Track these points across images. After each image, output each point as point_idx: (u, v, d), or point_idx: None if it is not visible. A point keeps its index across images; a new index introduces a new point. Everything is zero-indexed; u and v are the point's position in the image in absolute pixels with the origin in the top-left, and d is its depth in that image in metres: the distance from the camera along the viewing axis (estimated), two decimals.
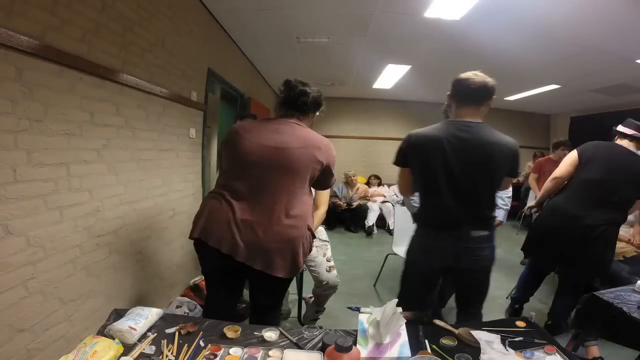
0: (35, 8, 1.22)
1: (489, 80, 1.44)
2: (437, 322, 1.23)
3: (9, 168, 1.16)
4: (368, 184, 6.23)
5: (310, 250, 1.50)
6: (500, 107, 6.68)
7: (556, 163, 4.33)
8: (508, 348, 1.06)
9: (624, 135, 2.11)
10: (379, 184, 6.34)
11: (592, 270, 2.11)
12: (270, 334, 1.09)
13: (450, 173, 1.42)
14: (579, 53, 3.35)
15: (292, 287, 2.64)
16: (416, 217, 1.65)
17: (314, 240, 2.10)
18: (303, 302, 2.35)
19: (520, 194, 6.01)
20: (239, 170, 1.40)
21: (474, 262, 1.48)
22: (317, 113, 1.58)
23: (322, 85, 5.73)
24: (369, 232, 5.32)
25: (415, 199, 2.37)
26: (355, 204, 5.58)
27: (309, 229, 1.44)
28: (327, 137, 1.81)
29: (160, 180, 2.18)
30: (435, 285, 1.67)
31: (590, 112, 6.02)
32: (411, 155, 1.50)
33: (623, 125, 2.13)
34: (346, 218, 5.54)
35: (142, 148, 1.97)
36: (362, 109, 6.86)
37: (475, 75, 1.45)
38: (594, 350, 1.86)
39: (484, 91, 1.44)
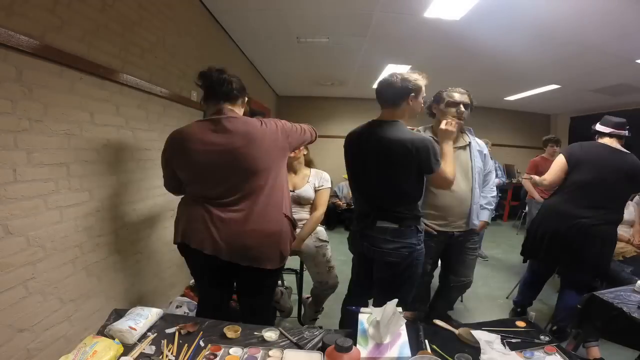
0: (35, 8, 1.22)
1: (402, 79, 1.47)
2: (437, 321, 1.23)
3: (9, 168, 1.16)
4: None
5: (294, 237, 1.55)
6: (500, 107, 6.69)
7: (549, 161, 4.37)
8: (508, 348, 1.06)
9: (603, 134, 2.12)
10: None
11: (591, 270, 2.09)
12: (270, 334, 1.09)
13: (359, 167, 1.60)
14: (579, 53, 3.35)
15: (294, 286, 2.64)
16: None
17: (316, 240, 2.11)
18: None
19: (520, 195, 6.02)
20: (201, 179, 1.38)
21: (377, 253, 1.53)
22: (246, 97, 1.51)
23: (322, 85, 5.73)
24: None
25: None
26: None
27: (286, 217, 1.46)
28: (327, 137, 1.81)
29: (161, 181, 2.18)
30: (364, 272, 1.72)
31: (590, 112, 6.02)
32: (345, 151, 1.69)
33: (601, 124, 2.15)
34: (346, 218, 5.53)
35: (142, 148, 1.97)
36: (362, 109, 6.83)
37: (392, 76, 1.49)
38: (595, 351, 1.86)
39: (393, 93, 1.49)
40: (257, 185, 1.36)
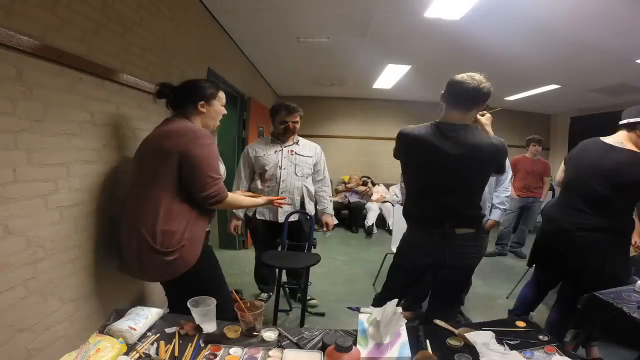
0: (35, 8, 1.21)
1: (485, 85, 1.42)
2: (437, 321, 1.23)
3: (9, 168, 1.16)
4: (365, 184, 6.24)
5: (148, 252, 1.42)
6: (500, 107, 6.68)
7: (528, 160, 4.40)
8: (507, 348, 1.06)
9: (620, 127, 1.84)
10: (373, 184, 6.35)
11: (580, 283, 1.77)
12: (269, 334, 1.10)
13: (433, 172, 1.50)
14: (579, 53, 3.35)
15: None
16: (403, 213, 1.70)
17: None
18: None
19: None
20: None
21: (459, 259, 1.52)
22: (202, 101, 1.54)
23: (322, 85, 5.74)
24: (368, 232, 5.32)
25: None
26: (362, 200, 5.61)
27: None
28: (327, 137, 1.81)
29: None
30: (417, 280, 1.71)
31: (590, 112, 6.02)
32: (401, 152, 1.59)
33: (623, 116, 1.86)
34: (346, 218, 5.54)
35: None
36: (362, 109, 6.86)
37: (471, 78, 1.43)
38: (594, 351, 1.86)
39: (475, 97, 1.44)
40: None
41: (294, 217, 2.48)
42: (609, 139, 1.84)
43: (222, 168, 1.64)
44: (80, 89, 1.45)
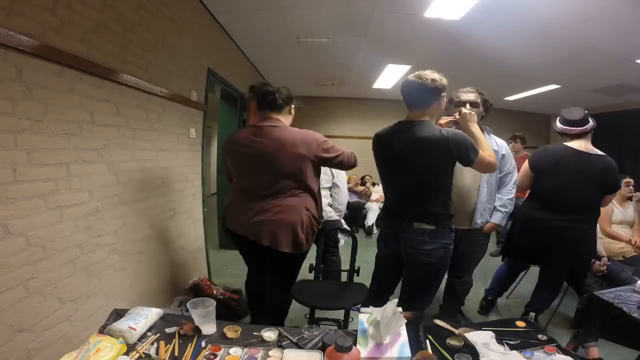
0: (35, 8, 1.22)
1: (429, 80, 1.46)
2: (437, 321, 1.23)
3: (9, 168, 1.16)
4: (364, 183, 6.22)
5: (313, 233, 1.72)
6: (500, 107, 6.68)
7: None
8: (507, 348, 1.06)
9: (570, 136, 2.09)
10: (373, 184, 6.34)
11: (568, 265, 2.14)
12: (269, 334, 1.09)
13: (391, 168, 1.62)
14: (579, 53, 3.35)
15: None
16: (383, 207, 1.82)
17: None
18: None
19: None
20: (238, 174, 1.75)
21: (412, 254, 1.54)
22: (293, 106, 1.76)
23: (322, 85, 5.73)
24: (368, 232, 5.32)
25: None
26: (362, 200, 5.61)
27: (307, 211, 1.67)
28: (327, 137, 1.82)
29: (160, 180, 2.18)
30: (394, 272, 1.72)
31: (591, 112, 6.02)
32: (374, 152, 1.71)
33: (562, 124, 2.13)
34: (346, 218, 5.53)
35: (142, 148, 1.97)
36: (362, 109, 6.86)
37: (417, 77, 1.49)
38: (594, 351, 1.87)
39: (424, 94, 1.49)
40: (283, 185, 1.63)
41: None
42: (575, 145, 2.05)
43: None
44: (80, 89, 1.46)
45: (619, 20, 2.55)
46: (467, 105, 1.88)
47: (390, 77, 4.90)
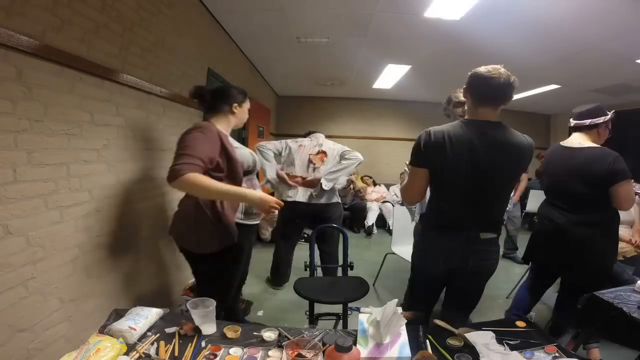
0: (35, 8, 1.22)
1: (513, 78, 1.33)
2: (437, 321, 1.23)
3: (9, 168, 1.16)
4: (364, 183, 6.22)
5: (206, 229, 1.55)
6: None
7: None
8: (508, 348, 1.06)
9: (572, 129, 2.01)
10: (375, 184, 6.34)
11: (581, 275, 1.90)
12: (269, 334, 1.09)
13: (471, 174, 1.35)
14: (579, 53, 3.35)
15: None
16: (426, 218, 1.56)
17: None
18: None
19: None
20: None
21: (482, 265, 1.44)
22: (229, 104, 1.65)
23: (322, 85, 5.73)
24: (368, 232, 5.32)
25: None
26: (363, 202, 5.61)
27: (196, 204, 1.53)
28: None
29: (161, 180, 2.18)
30: (442, 288, 1.60)
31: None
32: (429, 154, 1.38)
33: (573, 118, 2.00)
34: (347, 218, 5.53)
35: (142, 148, 1.97)
36: (362, 109, 6.86)
37: (498, 72, 1.33)
38: (595, 353, 1.86)
39: (507, 92, 1.34)
40: None
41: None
42: (567, 142, 2.00)
43: (251, 159, 1.93)
44: (80, 89, 1.46)
45: (619, 20, 2.55)
46: (466, 106, 1.87)
47: (390, 77, 4.90)
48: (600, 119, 1.90)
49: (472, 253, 1.41)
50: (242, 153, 1.84)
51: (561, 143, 2.04)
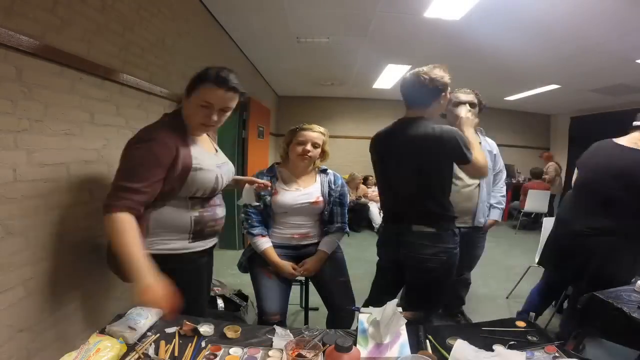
0: (35, 8, 1.21)
1: (429, 78, 1.42)
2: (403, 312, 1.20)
3: (9, 168, 1.16)
4: (366, 184, 6.21)
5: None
6: (500, 107, 6.69)
7: None
8: (508, 348, 1.06)
9: (634, 129, 1.78)
10: (375, 184, 6.34)
11: (594, 286, 1.62)
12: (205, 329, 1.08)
13: (387, 166, 1.58)
14: (579, 53, 3.35)
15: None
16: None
17: None
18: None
19: (519, 194, 6.01)
20: None
21: (415, 259, 1.47)
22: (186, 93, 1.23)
23: (322, 85, 5.74)
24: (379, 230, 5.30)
25: None
26: (362, 201, 5.59)
27: None
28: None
29: None
30: (394, 279, 1.65)
31: (590, 112, 6.03)
32: (371, 152, 1.68)
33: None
34: (349, 218, 5.50)
35: None
36: (362, 109, 6.87)
37: (415, 75, 1.46)
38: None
39: (424, 93, 1.46)
40: None
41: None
42: (622, 140, 1.79)
43: (226, 176, 1.38)
44: (80, 89, 1.45)
45: (619, 20, 2.55)
46: (467, 106, 1.89)
47: (390, 77, 4.90)
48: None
49: (402, 245, 1.50)
50: (203, 177, 1.26)
51: (614, 139, 1.81)
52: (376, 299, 1.67)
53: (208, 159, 1.31)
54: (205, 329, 1.09)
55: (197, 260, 1.35)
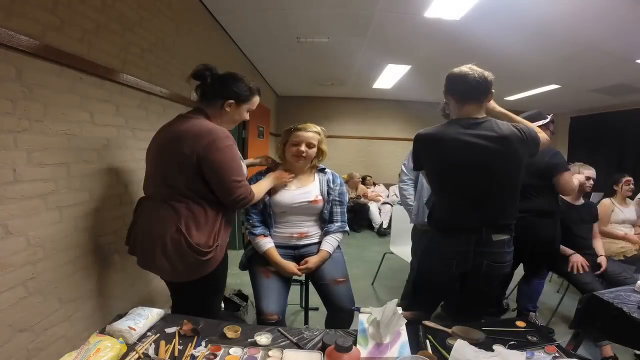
0: (35, 8, 1.22)
1: (487, 73, 1.38)
2: (428, 322, 1.22)
3: (9, 168, 1.16)
4: (364, 183, 6.21)
5: (182, 252, 1.27)
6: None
7: None
8: (508, 348, 1.06)
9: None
10: (373, 184, 6.33)
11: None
12: (263, 338, 1.08)
13: (463, 172, 1.36)
14: (579, 53, 3.35)
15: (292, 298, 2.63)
16: (430, 222, 1.54)
17: None
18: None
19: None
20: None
21: (495, 268, 1.41)
22: (222, 99, 1.40)
23: (322, 85, 5.73)
24: (383, 233, 5.27)
25: (412, 199, 2.33)
26: (362, 201, 5.59)
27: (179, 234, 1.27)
28: (327, 137, 1.80)
29: None
30: (452, 291, 1.57)
31: (590, 112, 6.02)
32: (422, 157, 1.47)
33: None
34: (349, 218, 5.48)
35: (142, 148, 1.96)
36: (362, 109, 6.86)
37: (472, 70, 1.37)
38: (607, 349, 1.88)
39: (484, 87, 1.37)
40: (168, 195, 1.32)
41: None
42: None
43: (244, 166, 1.48)
44: (80, 89, 1.46)
45: (619, 20, 2.55)
46: None
47: (390, 77, 4.90)
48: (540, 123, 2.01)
49: (481, 255, 1.38)
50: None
51: None
52: (430, 309, 1.59)
53: None
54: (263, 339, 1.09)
55: (227, 255, 1.50)
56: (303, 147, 1.68)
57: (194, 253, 1.27)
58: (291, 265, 1.65)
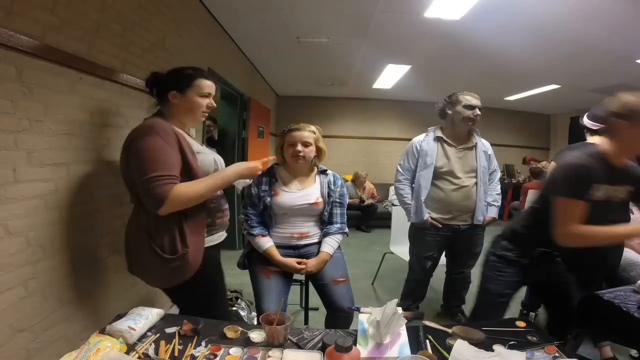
0: (35, 8, 1.21)
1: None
2: (428, 323, 1.21)
3: (9, 168, 1.16)
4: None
5: (149, 258, 1.24)
6: (500, 107, 6.70)
7: None
8: (508, 348, 1.06)
9: (592, 131, 1.83)
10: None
11: None
12: (256, 335, 1.09)
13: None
14: (579, 53, 3.35)
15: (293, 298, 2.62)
16: (526, 239, 1.53)
17: None
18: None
19: (519, 194, 6.02)
20: None
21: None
22: (175, 89, 1.35)
23: (322, 85, 5.74)
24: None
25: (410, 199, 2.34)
26: (367, 202, 5.58)
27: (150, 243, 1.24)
28: (327, 137, 1.80)
29: None
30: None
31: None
32: (589, 188, 1.30)
33: (589, 119, 1.87)
34: (356, 217, 5.51)
35: None
36: (362, 109, 6.87)
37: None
38: (607, 351, 1.88)
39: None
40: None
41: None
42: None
43: (213, 168, 1.40)
44: (80, 89, 1.45)
45: (619, 20, 2.55)
46: (477, 110, 2.05)
47: (390, 77, 4.91)
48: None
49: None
50: (204, 159, 1.36)
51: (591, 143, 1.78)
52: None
53: (198, 145, 1.42)
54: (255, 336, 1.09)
55: (215, 255, 1.43)
56: (299, 147, 1.67)
57: (158, 259, 1.22)
58: (292, 262, 1.66)
